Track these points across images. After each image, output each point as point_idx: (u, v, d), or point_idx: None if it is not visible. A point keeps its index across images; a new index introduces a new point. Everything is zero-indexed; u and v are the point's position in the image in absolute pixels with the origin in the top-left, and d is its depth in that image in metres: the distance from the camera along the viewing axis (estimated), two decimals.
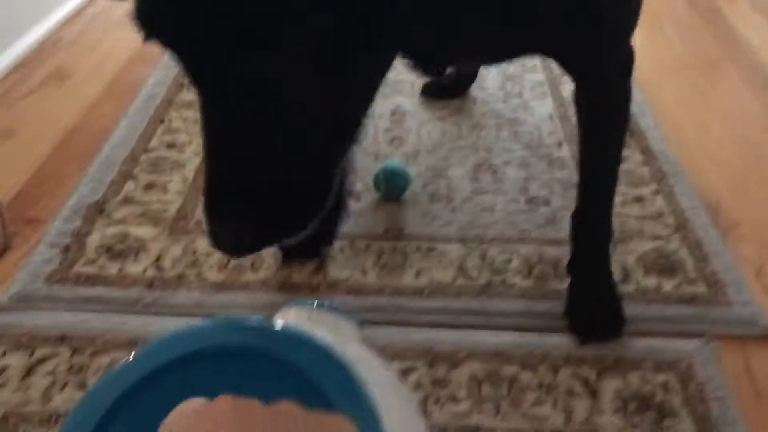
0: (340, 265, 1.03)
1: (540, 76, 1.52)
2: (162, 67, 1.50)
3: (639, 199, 1.17)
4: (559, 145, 1.30)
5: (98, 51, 1.63)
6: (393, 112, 1.39)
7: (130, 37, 1.84)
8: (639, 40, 1.69)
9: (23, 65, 1.54)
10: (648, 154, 1.27)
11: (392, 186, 1.15)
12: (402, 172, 1.16)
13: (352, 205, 1.15)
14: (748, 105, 1.45)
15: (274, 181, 0.60)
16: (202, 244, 1.04)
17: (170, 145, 1.27)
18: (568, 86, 1.48)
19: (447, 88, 1.44)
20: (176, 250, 1.04)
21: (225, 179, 0.60)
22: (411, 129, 1.35)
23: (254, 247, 0.63)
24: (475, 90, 1.46)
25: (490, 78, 1.50)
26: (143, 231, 1.07)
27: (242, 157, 0.59)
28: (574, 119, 1.35)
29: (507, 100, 1.44)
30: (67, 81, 1.49)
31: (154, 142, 1.28)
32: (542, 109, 1.41)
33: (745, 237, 1.10)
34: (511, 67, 1.54)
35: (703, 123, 1.39)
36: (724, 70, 1.58)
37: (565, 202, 1.16)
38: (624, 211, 1.14)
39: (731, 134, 1.36)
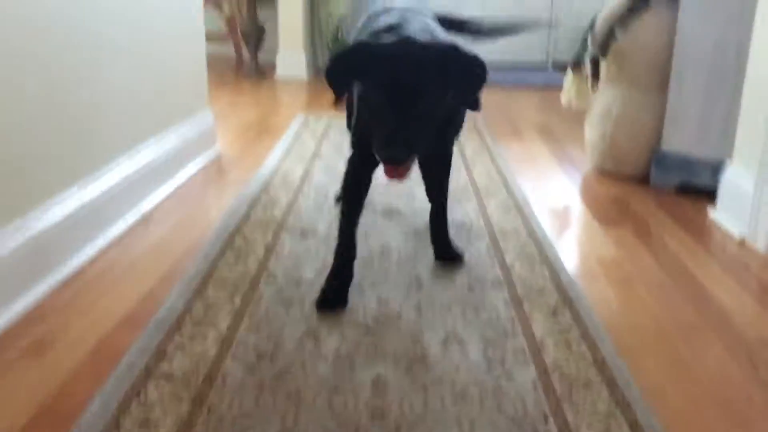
0: None
1: (521, 341, 1.53)
2: (146, 335, 1.51)
3: None
4: (545, 418, 1.27)
5: (89, 316, 1.64)
6: (374, 382, 1.37)
7: (127, 296, 1.85)
8: (615, 305, 1.74)
9: (7, 335, 1.54)
10: (636, 429, 1.24)
11: None
12: None
13: None
14: (733, 374, 1.44)
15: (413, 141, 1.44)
16: None
17: (143, 422, 1.23)
18: (550, 353, 1.49)
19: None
20: None
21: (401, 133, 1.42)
22: (393, 401, 1.32)
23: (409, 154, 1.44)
24: (457, 357, 1.46)
25: (472, 344, 1.51)
26: None
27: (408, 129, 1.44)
28: (559, 390, 1.35)
29: (490, 368, 1.43)
30: (48, 353, 1.48)
31: (126, 421, 1.23)
32: (525, 377, 1.40)
33: None
34: (492, 333, 1.56)
35: (690, 395, 1.37)
36: (704, 337, 1.59)
37: None
38: None
39: (719, 405, 1.33)
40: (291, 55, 5.13)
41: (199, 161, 2.86)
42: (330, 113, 3.85)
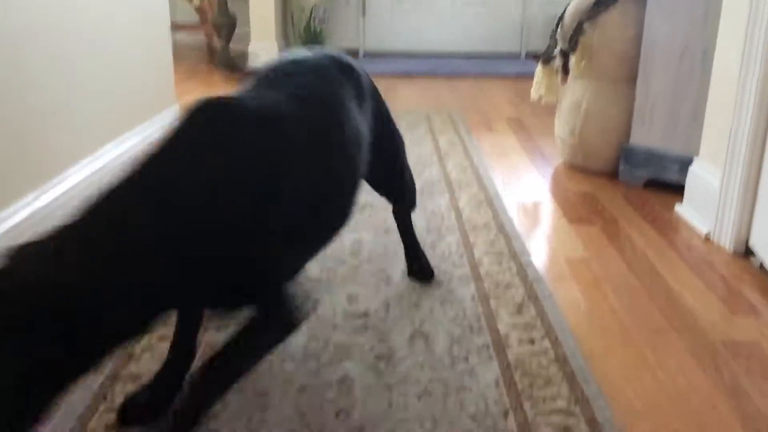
0: None
1: (486, 338, 1.56)
2: None
3: None
4: (505, 414, 1.30)
5: None
6: (340, 381, 1.40)
7: None
8: (583, 307, 1.76)
9: None
10: (593, 425, 1.27)
11: None
12: None
13: None
14: (696, 378, 1.46)
15: None
16: None
17: (110, 427, 1.24)
18: (513, 349, 1.52)
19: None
20: None
21: None
22: (358, 400, 1.34)
23: None
24: (422, 355, 1.49)
25: (438, 341, 1.54)
26: None
27: None
28: (520, 385, 1.38)
29: (454, 365, 1.46)
30: None
31: (94, 423, 1.25)
32: (488, 374, 1.43)
33: None
34: (458, 329, 1.59)
35: (653, 399, 1.39)
36: (669, 340, 1.61)
37: None
38: None
39: (682, 411, 1.35)
40: (263, 45, 5.11)
41: None
42: None
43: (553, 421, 1.29)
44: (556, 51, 2.90)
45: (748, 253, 2.06)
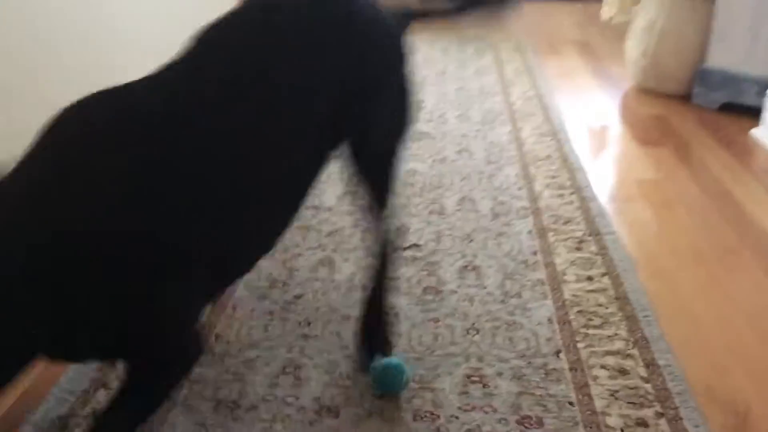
0: None
1: (541, 274, 1.48)
2: None
3: (641, 423, 1.07)
4: (557, 354, 1.23)
5: None
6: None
7: None
8: (653, 228, 1.70)
9: None
10: (652, 369, 1.19)
11: (388, 384, 1.13)
12: (399, 370, 1.12)
13: (330, 421, 1.08)
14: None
15: None
16: None
17: None
18: (570, 285, 1.43)
19: None
20: None
21: None
22: (403, 332, 1.29)
23: None
24: (473, 289, 1.43)
25: (490, 275, 1.47)
26: None
27: None
28: (574, 323, 1.30)
29: (505, 300, 1.39)
30: None
31: (89, 408, 1.24)
32: (541, 311, 1.35)
33: None
34: (512, 264, 1.51)
35: (724, 316, 1.33)
36: (742, 260, 1.54)
37: (559, 424, 1.07)
38: None
39: (756, 329, 1.28)
40: None
41: None
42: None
43: (608, 362, 1.21)
44: None
45: None
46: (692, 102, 2.55)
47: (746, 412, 1.10)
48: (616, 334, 1.28)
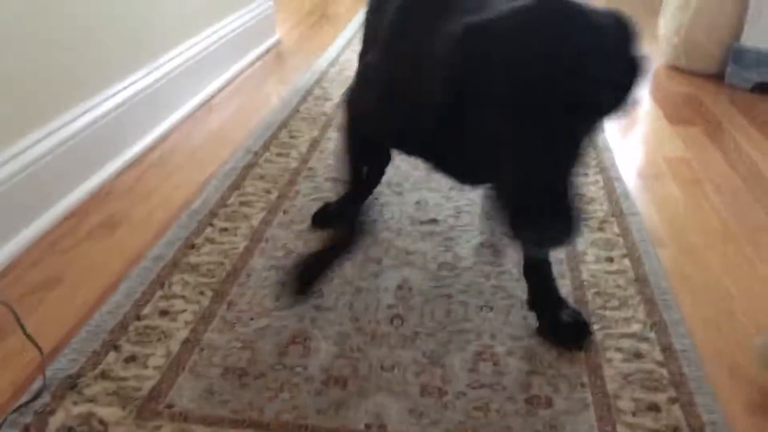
0: None
1: (560, 253, 1.45)
2: (178, 227, 1.51)
3: (653, 408, 1.05)
4: None
5: (150, 200, 1.67)
6: (399, 287, 1.34)
7: (186, 182, 1.84)
8: (682, 205, 1.67)
9: (75, 214, 1.58)
10: (669, 353, 1.16)
11: None
12: None
13: (337, 392, 1.07)
14: None
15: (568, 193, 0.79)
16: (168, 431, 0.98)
17: (163, 313, 1.24)
18: (589, 266, 1.40)
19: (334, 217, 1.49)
20: None
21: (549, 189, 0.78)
22: (415, 307, 1.28)
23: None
24: (489, 266, 1.40)
25: (508, 252, 1.44)
26: (109, 412, 1.01)
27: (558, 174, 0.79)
28: (591, 305, 1.28)
29: (521, 278, 1.36)
30: (116, 231, 1.53)
31: (147, 309, 1.25)
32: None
33: None
34: None
35: (753, 294, 1.33)
36: None
37: (569, 405, 1.05)
38: (635, 421, 1.03)
39: None
40: None
41: (258, 49, 2.80)
42: None
43: (623, 345, 1.18)
44: None
45: None
46: (725, 81, 2.49)
47: None
48: (633, 317, 1.25)
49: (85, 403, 1.03)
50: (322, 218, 1.54)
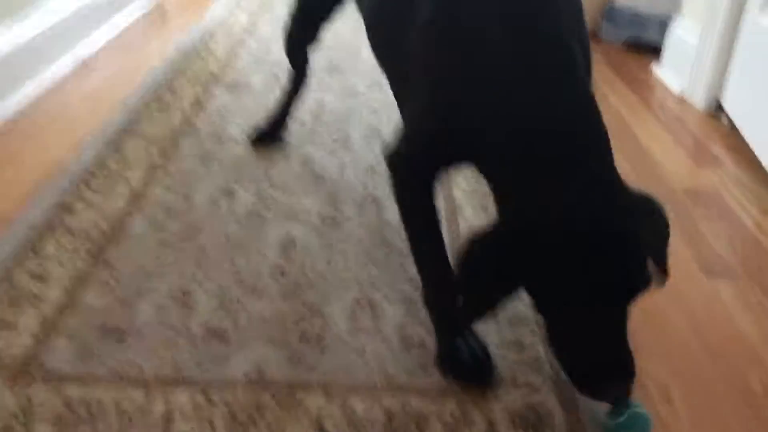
0: (187, 417, 0.96)
1: (441, 204, 1.50)
2: (53, 188, 1.46)
3: (517, 344, 1.13)
4: None
5: (14, 163, 1.60)
6: (282, 242, 1.36)
7: (57, 144, 1.72)
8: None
9: None
10: None
11: None
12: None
13: (218, 346, 1.09)
14: None
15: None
16: (40, 396, 0.97)
17: (35, 276, 1.21)
18: (465, 218, 1.47)
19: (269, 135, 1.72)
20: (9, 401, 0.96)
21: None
22: (296, 260, 1.31)
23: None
24: (372, 218, 1.44)
25: (389, 205, 1.49)
26: None
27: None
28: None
29: (402, 230, 1.41)
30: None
31: (18, 273, 1.21)
32: None
33: None
34: None
35: None
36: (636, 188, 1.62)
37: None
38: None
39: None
40: None
41: (140, 6, 2.69)
42: None
43: None
44: None
45: (719, 111, 2.04)
46: (600, 39, 2.64)
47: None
48: None
49: None
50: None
